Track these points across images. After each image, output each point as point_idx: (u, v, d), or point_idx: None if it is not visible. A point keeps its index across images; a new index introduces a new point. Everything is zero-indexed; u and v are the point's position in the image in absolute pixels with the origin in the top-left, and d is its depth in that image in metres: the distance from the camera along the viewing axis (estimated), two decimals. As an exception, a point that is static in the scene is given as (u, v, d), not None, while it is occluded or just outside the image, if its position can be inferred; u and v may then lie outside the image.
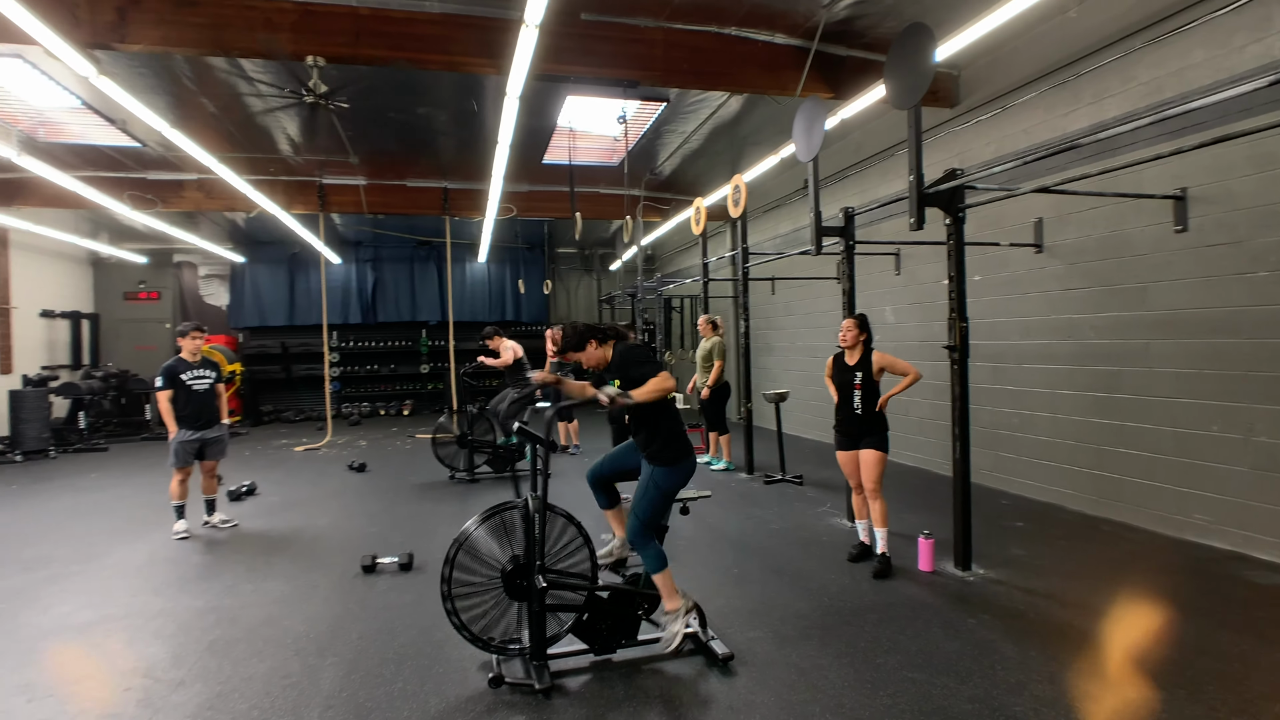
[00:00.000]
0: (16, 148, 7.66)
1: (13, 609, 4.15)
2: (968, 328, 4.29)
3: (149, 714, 2.90)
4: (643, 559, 3.23)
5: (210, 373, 5.85)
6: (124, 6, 5.15)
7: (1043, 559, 4.54)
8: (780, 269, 9.92)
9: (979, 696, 2.83)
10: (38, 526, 6.11)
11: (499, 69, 5.54)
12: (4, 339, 11.78)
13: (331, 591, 4.28)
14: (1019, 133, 6.19)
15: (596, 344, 3.38)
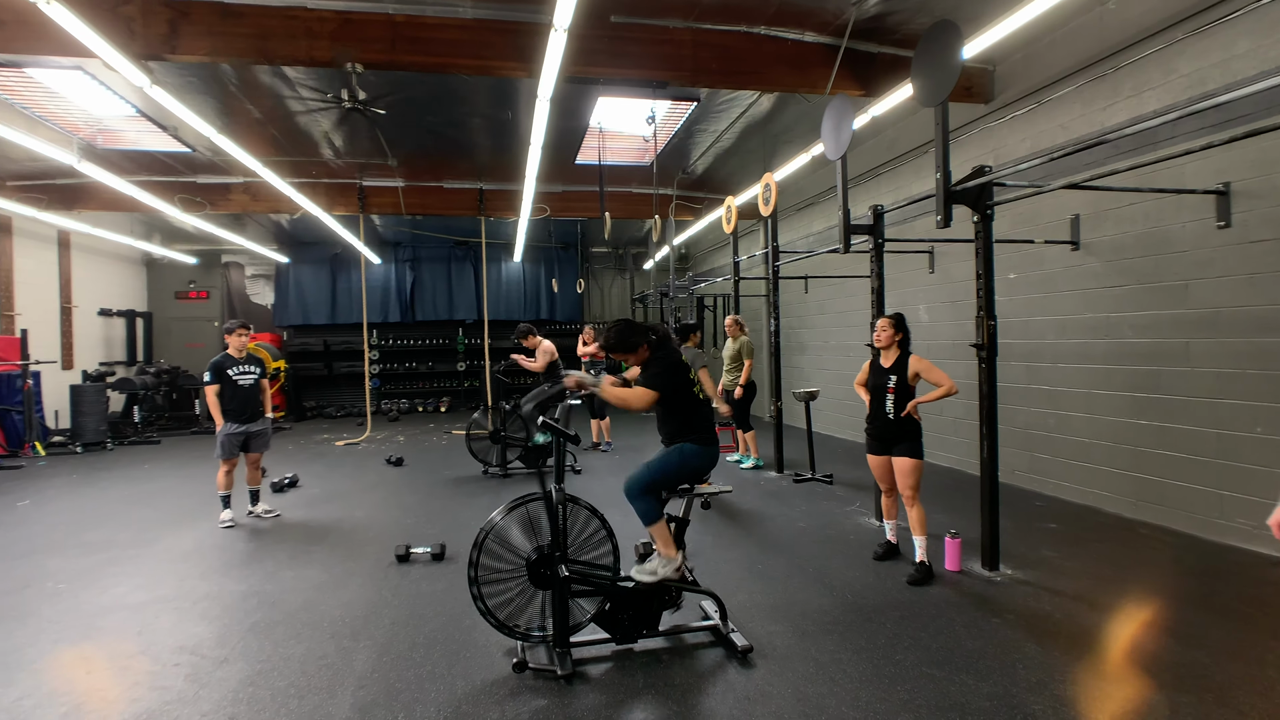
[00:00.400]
0: (77, 154, 8.06)
1: (75, 589, 4.40)
2: (995, 326, 4.25)
3: (195, 688, 3.07)
4: (636, 510, 3.28)
5: (255, 369, 6.07)
6: (175, 19, 5.40)
7: (1074, 561, 4.47)
8: (814, 267, 9.87)
9: (998, 694, 2.83)
10: (97, 513, 6.44)
11: (530, 72, 5.65)
12: (66, 336, 12.38)
13: (367, 579, 4.45)
14: (1055, 128, 6.07)
15: (647, 347, 3.42)
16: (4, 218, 10.83)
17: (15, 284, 11.10)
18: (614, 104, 7.49)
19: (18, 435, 10.42)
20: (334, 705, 2.90)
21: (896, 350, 4.40)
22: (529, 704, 2.87)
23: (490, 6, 5.55)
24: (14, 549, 5.33)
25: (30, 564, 4.94)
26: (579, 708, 2.83)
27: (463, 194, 10.82)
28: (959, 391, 4.28)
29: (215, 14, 5.43)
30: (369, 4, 5.49)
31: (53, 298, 12.13)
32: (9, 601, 4.21)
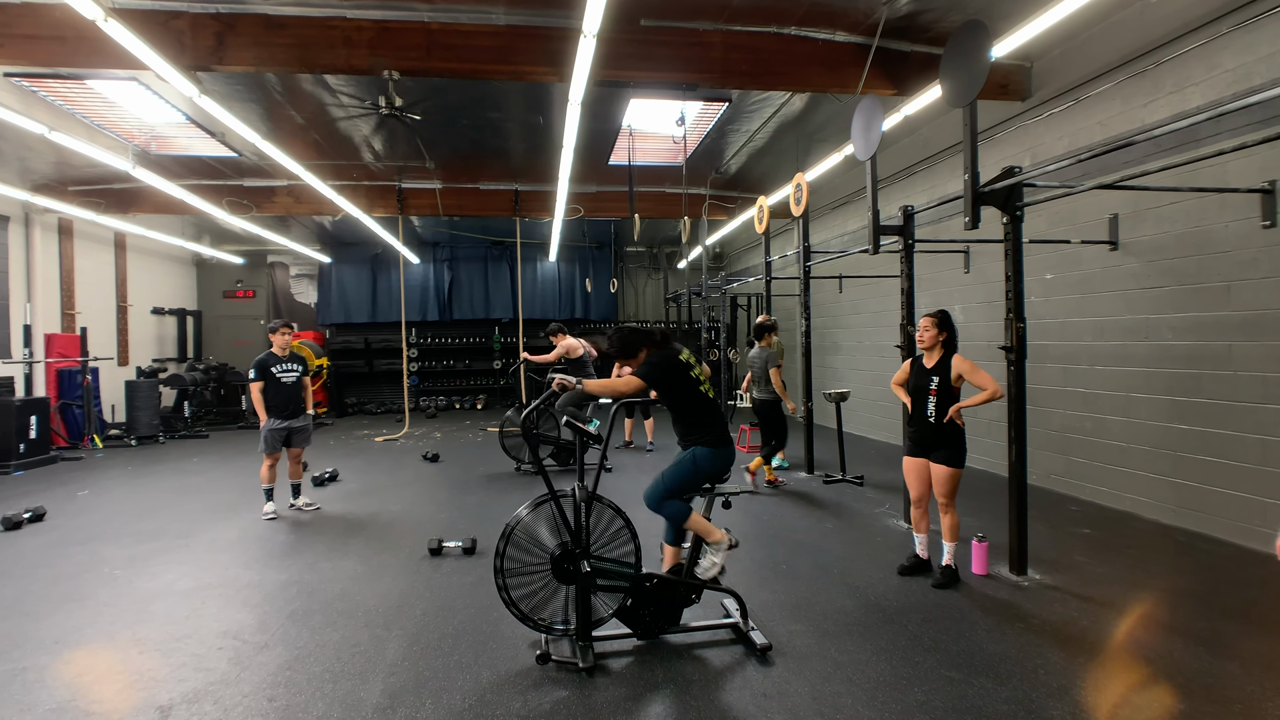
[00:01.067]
0: (132, 160, 8.43)
1: (129, 574, 4.65)
2: (1025, 329, 4.19)
3: (238, 671, 3.24)
4: (666, 517, 3.38)
5: (297, 366, 6.28)
6: (222, 31, 5.62)
7: (1106, 567, 4.40)
8: (848, 266, 9.80)
9: (1016, 699, 2.82)
10: (150, 504, 6.75)
11: (561, 76, 5.75)
12: (122, 334, 12.95)
13: (400, 571, 4.60)
14: (1094, 125, 5.95)
15: (648, 351, 3.49)
16: (65, 221, 11.38)
17: (76, 284, 11.66)
18: (646, 105, 7.55)
19: (78, 428, 10.95)
20: (365, 691, 3.03)
21: (940, 350, 4.22)
22: (551, 695, 2.96)
23: (522, 13, 5.66)
24: (74, 536, 5.63)
25: (88, 551, 5.22)
26: (599, 700, 2.91)
27: (498, 195, 11.01)
28: (1003, 395, 4.15)
29: (260, 25, 5.65)
30: (405, 13, 5.65)
31: (109, 297, 12.70)
32: (70, 585, 4.47)
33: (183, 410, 12.58)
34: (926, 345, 4.22)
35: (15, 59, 5.54)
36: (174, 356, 14.41)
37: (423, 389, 16.25)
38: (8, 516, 5.94)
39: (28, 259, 10.81)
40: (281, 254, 15.83)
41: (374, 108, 6.57)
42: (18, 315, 10.57)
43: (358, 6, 5.58)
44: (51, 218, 11.10)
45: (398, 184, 10.54)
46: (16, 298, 10.58)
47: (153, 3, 5.44)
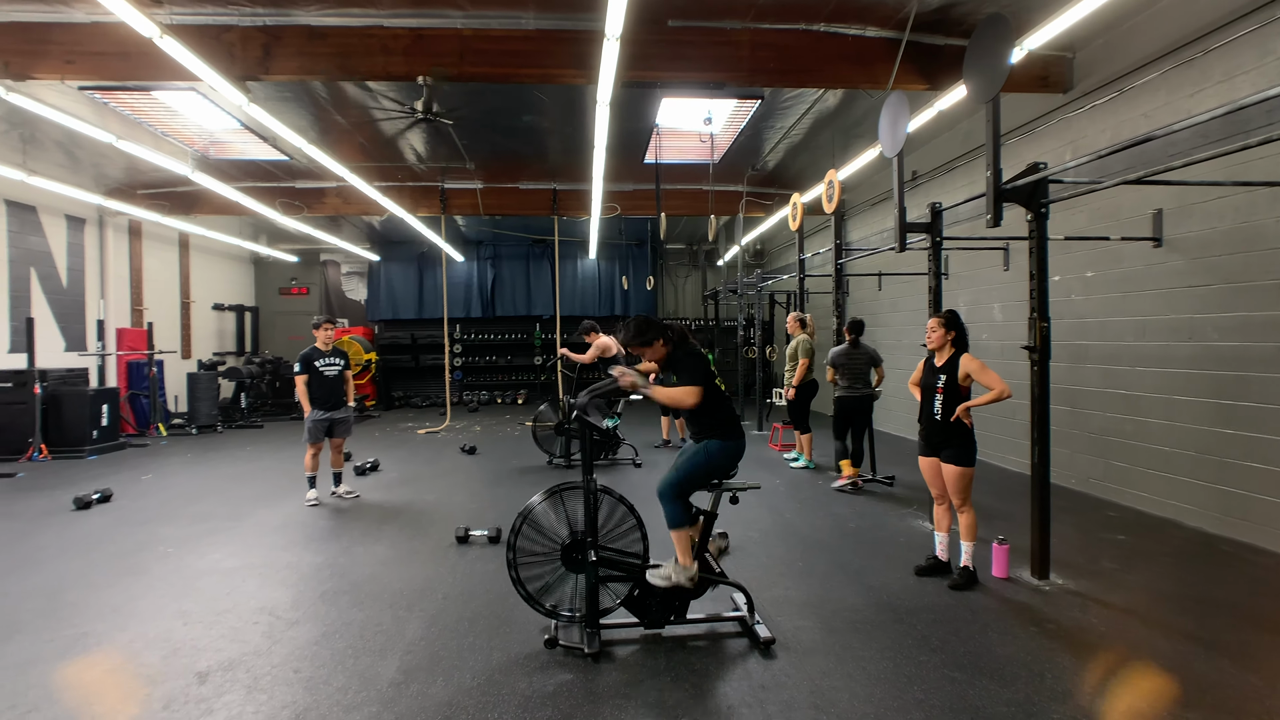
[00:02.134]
0: (192, 165, 8.91)
1: (180, 553, 4.96)
2: (1049, 328, 4.11)
3: (269, 644, 3.45)
4: (665, 512, 3.42)
5: (340, 360, 6.54)
6: (268, 43, 5.92)
7: (1135, 575, 4.27)
8: (887, 264, 9.63)
9: (1018, 701, 2.80)
10: (204, 489, 7.16)
11: (589, 78, 5.86)
12: (185, 329, 13.67)
13: (428, 557, 4.79)
14: (1138, 117, 5.74)
15: (662, 342, 3.56)
16: (135, 223, 12.08)
17: (144, 281, 12.37)
18: (678, 104, 7.61)
19: (144, 417, 11.62)
20: (383, 666, 3.19)
21: (950, 349, 4.23)
22: (555, 677, 3.07)
23: (551, 17, 5.79)
24: (135, 517, 6.03)
25: (147, 530, 5.59)
26: (601, 684, 3.01)
27: (537, 194, 11.22)
28: (1013, 395, 4.10)
29: (303, 36, 5.92)
30: (439, 20, 5.85)
31: (174, 293, 13.42)
32: (129, 561, 4.81)
33: (239, 401, 13.20)
34: (935, 345, 4.26)
35: (86, 74, 5.95)
36: (232, 350, 15.12)
37: (465, 384, 16.65)
38: (79, 497, 6.39)
39: (101, 258, 11.52)
40: (333, 252, 16.42)
41: (410, 112, 6.79)
42: (92, 311, 11.28)
43: (394, 15, 5.80)
44: (122, 219, 11.81)
45: (440, 184, 10.84)
46: (91, 294, 11.29)
47: (206, 18, 5.77)
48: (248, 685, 3.05)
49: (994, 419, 7.72)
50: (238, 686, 3.04)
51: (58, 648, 3.48)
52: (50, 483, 7.66)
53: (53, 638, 3.59)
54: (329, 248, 15.72)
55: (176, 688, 3.04)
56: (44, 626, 3.74)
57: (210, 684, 3.07)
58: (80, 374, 10.37)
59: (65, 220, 10.79)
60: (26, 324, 9.54)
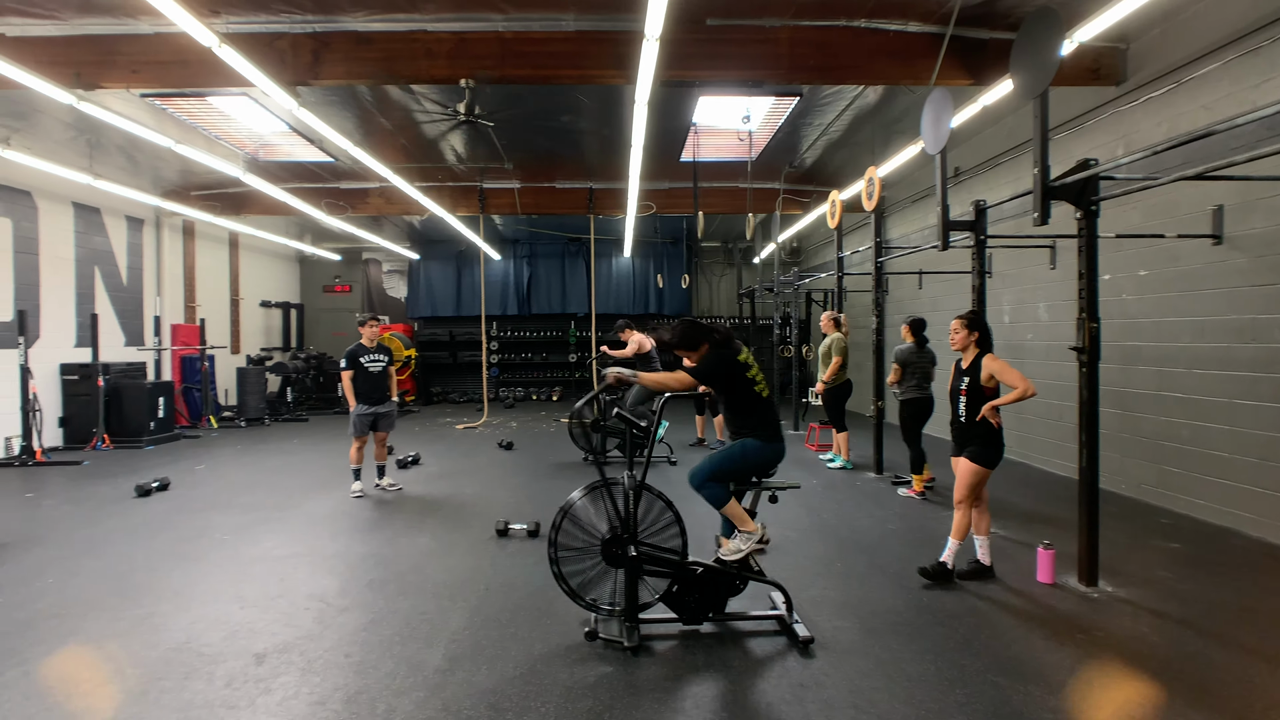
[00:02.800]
0: (243, 167, 9.20)
1: (234, 541, 5.16)
2: (1098, 328, 4.01)
3: (321, 629, 3.58)
4: (704, 497, 3.47)
5: (383, 357, 6.69)
6: (318, 48, 6.08)
7: (1190, 584, 4.14)
8: (928, 262, 9.49)
9: (1063, 709, 2.75)
10: (254, 480, 7.41)
11: (628, 78, 5.89)
12: (234, 325, 14.12)
13: (469, 549, 4.89)
14: (1197, 109, 5.55)
15: (710, 347, 3.58)
16: (189, 223, 12.52)
17: (197, 279, 12.82)
18: (715, 102, 7.60)
19: (197, 409, 12.05)
20: (429, 654, 3.29)
21: (974, 350, 4.23)
22: (595, 669, 3.12)
23: (590, 18, 5.83)
24: (191, 505, 6.28)
25: (202, 518, 5.82)
26: (641, 677, 3.05)
27: (573, 193, 11.31)
28: (1037, 394, 4.05)
29: (351, 41, 6.07)
30: (480, 24, 5.94)
31: (224, 291, 13.88)
32: (187, 547, 5.02)
33: (285, 395, 13.59)
34: (958, 346, 4.25)
35: (150, 82, 6.21)
36: (278, 346, 15.58)
37: (502, 380, 16.87)
38: (140, 485, 6.69)
39: (158, 257, 11.98)
40: (375, 251, 16.80)
41: (453, 114, 6.92)
42: (149, 307, 11.74)
43: (437, 20, 5.92)
44: (177, 220, 12.25)
45: (479, 184, 11.00)
46: (148, 291, 11.75)
47: (259, 26, 5.96)
48: (302, 668, 3.17)
49: (1039, 421, 7.56)
50: (292, 669, 3.16)
51: (127, 625, 3.67)
52: (112, 471, 8.02)
53: (123, 616, 3.79)
54: (370, 246, 16.08)
55: (236, 667, 3.18)
56: (115, 605, 3.94)
57: (267, 665, 3.20)
58: (139, 368, 10.82)
59: (125, 221, 11.25)
60: (91, 320, 9.98)
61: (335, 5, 5.71)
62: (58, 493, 6.92)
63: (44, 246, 9.71)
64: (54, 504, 6.44)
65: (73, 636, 3.55)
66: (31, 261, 9.52)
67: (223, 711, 2.81)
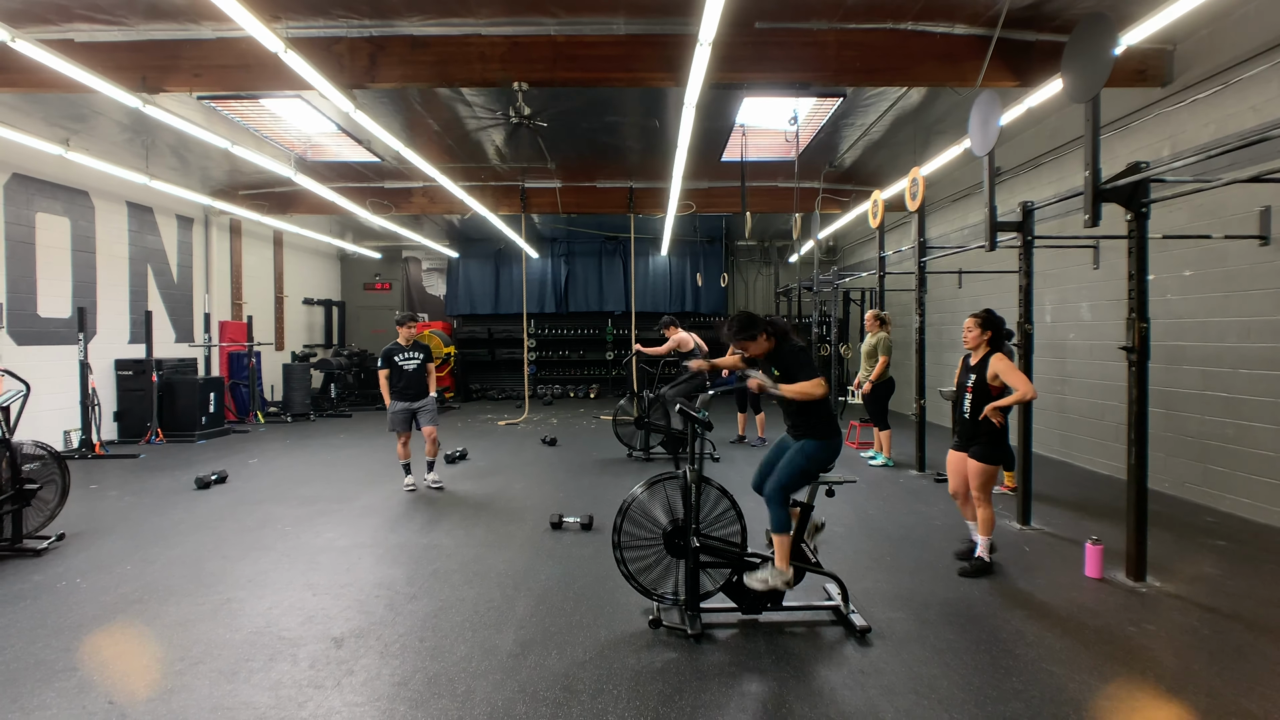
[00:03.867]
0: (294, 167, 9.49)
1: (297, 531, 5.39)
2: (1148, 329, 4.06)
3: (393, 615, 3.77)
4: (771, 516, 3.57)
5: (419, 354, 6.79)
6: (374, 52, 6.29)
7: (1239, 581, 4.19)
8: (967, 261, 9.47)
9: (1119, 696, 2.85)
10: (307, 473, 7.68)
11: (678, 81, 6.02)
12: (279, 322, 14.50)
13: (525, 541, 5.07)
14: (1246, 110, 5.54)
15: (765, 337, 3.72)
16: (235, 221, 12.90)
17: (243, 277, 13.20)
18: (759, 102, 7.69)
19: (244, 405, 12.42)
20: (500, 639, 3.46)
21: (985, 349, 4.35)
22: (662, 655, 3.27)
23: (641, 22, 5.97)
24: (251, 497, 6.55)
25: (263, 510, 6.07)
26: (706, 663, 3.19)
27: (614, 193, 11.46)
28: (1035, 397, 4.15)
29: (406, 46, 6.27)
30: (533, 28, 6.10)
31: (269, 288, 14.26)
32: (253, 537, 5.26)
33: (329, 391, 13.94)
34: (971, 344, 4.36)
35: (212, 86, 6.46)
36: (321, 343, 15.96)
37: (540, 378, 17.09)
38: (199, 478, 6.98)
39: (206, 255, 12.37)
40: (414, 249, 17.11)
41: (505, 117, 7.09)
42: (198, 304, 12.13)
43: (491, 24, 6.09)
44: (225, 219, 12.63)
45: (521, 184, 11.20)
46: (197, 289, 12.14)
47: (318, 30, 6.18)
48: (379, 651, 3.35)
49: (1082, 421, 7.56)
50: (371, 652, 3.35)
51: (208, 609, 3.88)
52: (168, 464, 8.35)
53: (203, 601, 4.01)
54: (410, 245, 16.39)
55: (317, 650, 3.37)
56: (193, 591, 4.17)
57: (346, 648, 3.39)
58: (190, 364, 11.20)
59: (176, 220, 11.63)
60: (145, 317, 10.36)
61: (391, 10, 5.90)
62: (119, 484, 7.22)
63: (100, 245, 10.10)
64: (118, 495, 6.73)
65: (158, 620, 3.77)
66: (89, 260, 9.90)
67: (310, 691, 3.00)
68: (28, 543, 4.99)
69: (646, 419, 8.08)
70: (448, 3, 5.79)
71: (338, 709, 2.84)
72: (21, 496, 4.97)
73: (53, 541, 5.07)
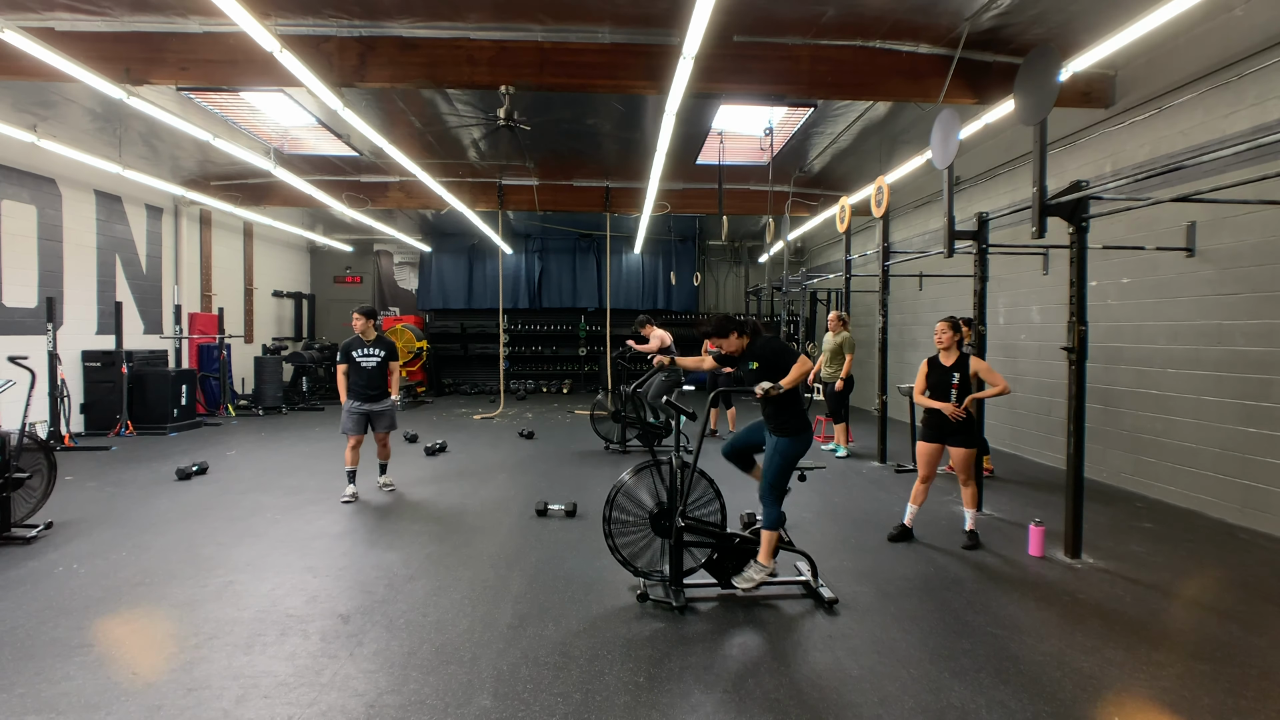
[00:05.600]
0: (273, 160, 9.53)
1: (287, 520, 5.56)
2: (1086, 331, 4.51)
3: (393, 594, 4.00)
4: (764, 514, 3.91)
5: (380, 351, 6.28)
6: (364, 52, 6.44)
7: (1160, 557, 4.68)
8: (928, 265, 9.99)
9: (1052, 653, 3.25)
10: (289, 464, 7.79)
11: (660, 89, 6.31)
12: (248, 314, 14.40)
13: (513, 527, 5.33)
14: (1176, 134, 6.06)
15: (737, 335, 4.06)
16: (205, 212, 12.80)
17: (213, 269, 13.09)
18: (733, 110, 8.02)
19: (214, 398, 12.36)
20: (499, 614, 3.72)
21: (956, 351, 4.89)
22: (649, 625, 3.58)
23: (625, 31, 6.23)
24: (235, 487, 6.66)
25: (250, 499, 6.20)
26: (689, 631, 3.51)
27: (590, 192, 11.71)
28: (1011, 392, 4.80)
29: (396, 46, 6.44)
30: (521, 33, 6.32)
31: (238, 280, 14.15)
32: (244, 525, 5.41)
33: (299, 385, 13.90)
34: (944, 345, 4.87)
35: (198, 80, 6.52)
36: (290, 336, 15.86)
37: (512, 373, 17.25)
38: (180, 469, 7.06)
39: (176, 246, 12.25)
40: (386, 243, 17.08)
41: (493, 119, 7.28)
42: (168, 296, 12.02)
43: (480, 29, 6.29)
44: (195, 209, 12.52)
45: (499, 181, 11.36)
46: (166, 280, 12.03)
47: (307, 28, 6.31)
48: (385, 626, 3.59)
49: (1029, 416, 8.09)
50: (377, 626, 3.58)
51: (212, 591, 4.06)
52: (142, 456, 8.36)
53: (205, 583, 4.18)
54: (382, 238, 16.37)
55: (326, 625, 3.59)
56: (193, 574, 4.33)
57: (353, 624, 3.62)
58: (160, 355, 11.12)
59: (145, 209, 11.51)
60: (115, 308, 10.27)
61: (381, 11, 6.05)
62: (96, 476, 7.23)
63: (68, 234, 9.96)
64: (97, 486, 6.77)
65: (164, 600, 3.93)
66: (55, 249, 9.78)
67: (324, 660, 3.22)
68: (16, 531, 5.07)
69: (623, 413, 8.37)
70: (438, 6, 5.99)
71: (353, 675, 3.08)
72: (12, 484, 5.05)
73: (41, 530, 5.15)
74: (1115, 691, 2.93)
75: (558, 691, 2.93)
